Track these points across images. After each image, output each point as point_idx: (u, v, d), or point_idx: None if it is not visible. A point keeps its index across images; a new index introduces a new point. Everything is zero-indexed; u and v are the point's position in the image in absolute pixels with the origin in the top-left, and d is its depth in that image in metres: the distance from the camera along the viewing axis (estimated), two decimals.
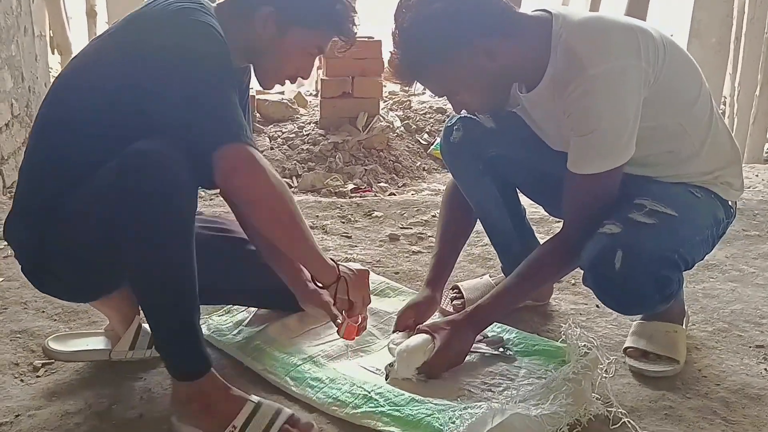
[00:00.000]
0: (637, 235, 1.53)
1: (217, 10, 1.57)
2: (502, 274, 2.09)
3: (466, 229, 2.04)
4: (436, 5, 1.53)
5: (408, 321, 1.85)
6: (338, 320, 1.64)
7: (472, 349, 1.76)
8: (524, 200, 2.05)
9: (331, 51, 1.69)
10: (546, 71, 1.60)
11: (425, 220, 2.92)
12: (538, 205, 2.12)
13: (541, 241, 1.86)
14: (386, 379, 1.67)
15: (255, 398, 1.48)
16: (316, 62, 1.77)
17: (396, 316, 1.87)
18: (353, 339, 1.68)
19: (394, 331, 1.85)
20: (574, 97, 1.54)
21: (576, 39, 1.54)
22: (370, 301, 1.73)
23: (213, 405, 1.45)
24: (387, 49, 1.69)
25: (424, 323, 1.78)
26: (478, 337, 1.79)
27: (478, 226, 2.06)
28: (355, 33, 1.62)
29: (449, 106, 1.92)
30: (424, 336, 1.72)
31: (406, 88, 5.46)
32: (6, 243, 1.65)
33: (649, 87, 1.55)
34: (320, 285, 1.66)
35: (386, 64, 1.62)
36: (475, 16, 1.54)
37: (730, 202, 1.76)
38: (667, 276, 1.55)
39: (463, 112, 1.85)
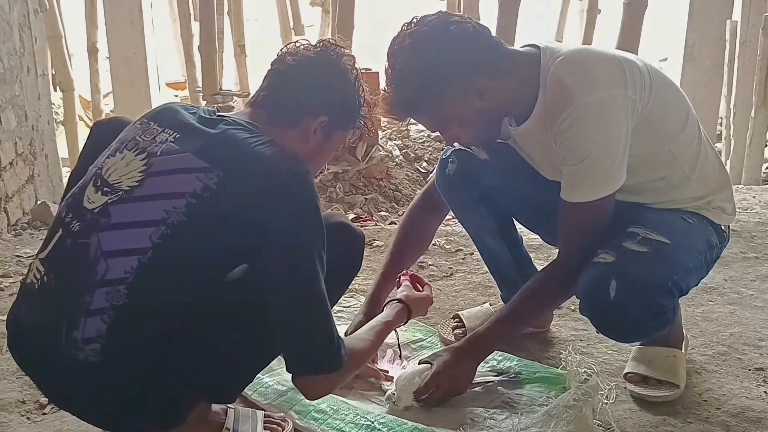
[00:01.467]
0: (630, 263, 1.55)
1: (254, 114, 1.50)
2: (502, 303, 2.10)
3: (415, 254, 2.11)
4: (427, 47, 1.58)
5: None
6: None
7: (478, 380, 1.77)
8: (522, 228, 2.07)
9: None
10: (536, 104, 1.64)
11: (425, 248, 2.93)
12: (535, 233, 2.15)
13: (539, 269, 1.88)
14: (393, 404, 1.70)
15: (232, 406, 1.60)
16: None
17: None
18: None
19: None
20: (564, 127, 1.57)
21: (564, 71, 1.59)
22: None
23: (197, 427, 1.50)
24: (384, 82, 1.72)
25: (426, 356, 1.79)
26: (487, 374, 1.81)
27: (478, 254, 2.08)
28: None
29: None
30: (424, 365, 1.74)
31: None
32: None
33: (637, 115, 1.59)
34: None
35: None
36: (465, 57, 1.59)
37: (723, 227, 1.78)
38: (662, 303, 1.56)
39: (456, 145, 1.89)
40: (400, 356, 1.89)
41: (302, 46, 1.55)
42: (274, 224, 1.32)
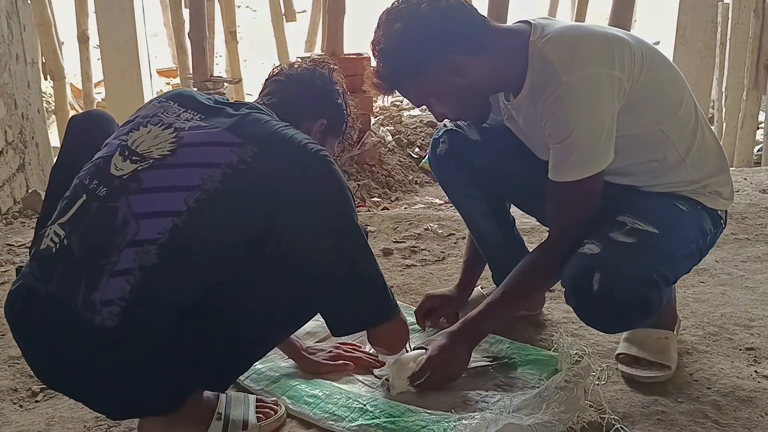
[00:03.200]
0: (615, 255, 1.53)
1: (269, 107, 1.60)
2: (494, 285, 2.11)
3: None
4: (397, 25, 1.60)
5: (429, 305, 2.02)
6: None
7: (472, 365, 1.78)
8: (514, 210, 2.08)
9: None
10: (525, 81, 1.64)
11: (418, 234, 2.95)
12: (528, 216, 2.15)
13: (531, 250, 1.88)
14: (387, 390, 1.70)
15: (223, 393, 1.60)
16: None
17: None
18: None
19: (416, 312, 2.03)
20: (548, 104, 1.57)
21: (551, 48, 1.58)
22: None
23: (190, 411, 1.49)
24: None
25: (420, 342, 1.80)
26: (481, 359, 1.82)
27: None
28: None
29: None
30: (418, 350, 1.74)
31: (397, 104, 5.50)
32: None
33: (625, 95, 1.58)
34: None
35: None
36: (440, 35, 1.59)
37: (719, 212, 1.75)
38: (646, 295, 1.53)
39: (450, 124, 1.91)
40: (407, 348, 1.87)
41: (297, 63, 1.75)
42: (314, 194, 1.39)
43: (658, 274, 1.55)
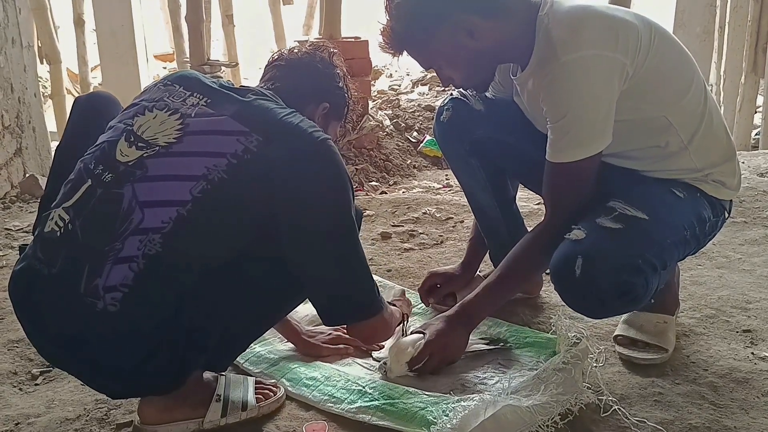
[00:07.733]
0: (599, 241, 1.52)
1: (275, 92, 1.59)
2: (492, 267, 2.11)
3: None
4: None
5: (432, 283, 2.05)
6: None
7: (470, 349, 1.78)
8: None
9: None
10: (532, 56, 1.63)
11: (416, 218, 2.95)
12: (526, 200, 2.15)
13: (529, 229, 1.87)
14: (385, 374, 1.71)
15: (223, 373, 1.62)
16: None
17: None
18: None
19: (419, 290, 2.08)
20: (545, 83, 1.57)
21: (555, 26, 1.57)
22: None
23: (189, 394, 1.50)
24: (374, 49, 1.75)
25: (418, 326, 1.80)
26: (479, 342, 1.82)
27: (468, 222, 2.09)
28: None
29: (437, 102, 2.00)
30: (416, 335, 1.75)
31: (395, 87, 5.48)
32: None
33: (627, 79, 1.56)
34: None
35: (381, 35, 1.68)
36: None
37: (723, 201, 1.73)
38: (629, 282, 1.52)
39: (456, 93, 1.92)
40: (404, 333, 1.87)
41: (296, 48, 1.74)
42: (315, 185, 1.40)
43: (643, 260, 1.53)
